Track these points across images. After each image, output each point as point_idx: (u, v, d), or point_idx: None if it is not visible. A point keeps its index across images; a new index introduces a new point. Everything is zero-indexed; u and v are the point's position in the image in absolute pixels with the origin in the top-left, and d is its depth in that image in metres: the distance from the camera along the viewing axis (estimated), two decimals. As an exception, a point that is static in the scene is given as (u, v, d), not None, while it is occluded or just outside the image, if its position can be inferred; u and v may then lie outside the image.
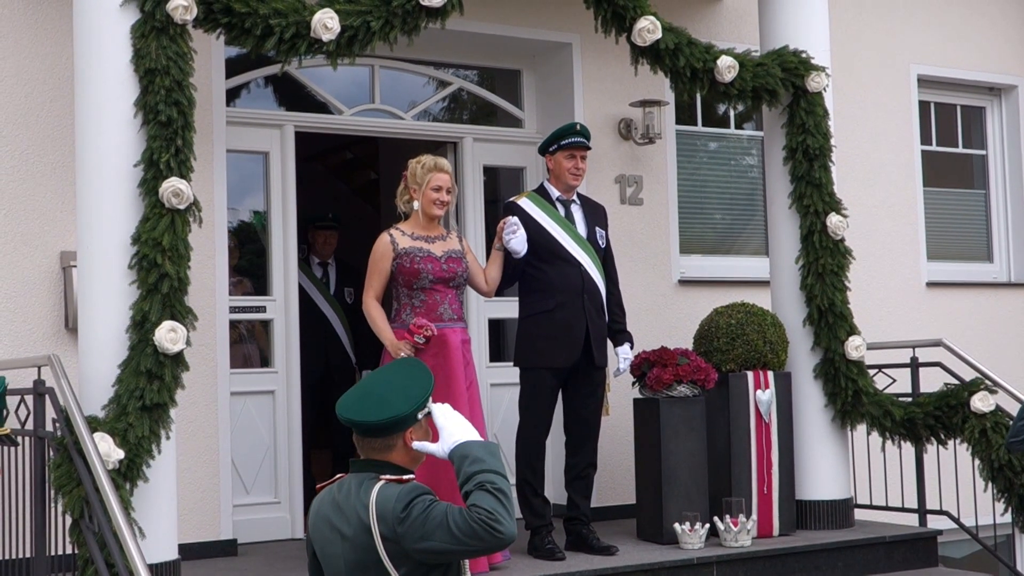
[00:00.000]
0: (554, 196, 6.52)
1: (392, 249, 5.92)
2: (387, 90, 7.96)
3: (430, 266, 5.90)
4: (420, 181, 5.96)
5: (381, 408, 3.24)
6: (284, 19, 5.78)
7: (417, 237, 5.97)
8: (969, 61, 9.83)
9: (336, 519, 3.26)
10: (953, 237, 9.93)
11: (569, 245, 6.42)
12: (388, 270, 5.93)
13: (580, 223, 6.54)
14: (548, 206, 6.48)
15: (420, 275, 5.89)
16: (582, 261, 6.42)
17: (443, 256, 5.97)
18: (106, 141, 5.53)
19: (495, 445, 3.28)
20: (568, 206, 6.55)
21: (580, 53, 8.10)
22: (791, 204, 7.25)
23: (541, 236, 6.38)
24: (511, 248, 6.20)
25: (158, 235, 5.41)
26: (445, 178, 5.98)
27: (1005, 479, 6.71)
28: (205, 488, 6.76)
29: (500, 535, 3.05)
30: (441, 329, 5.85)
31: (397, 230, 6.01)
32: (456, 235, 6.20)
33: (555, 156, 6.53)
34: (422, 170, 5.96)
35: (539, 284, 6.38)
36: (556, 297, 6.34)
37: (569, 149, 6.49)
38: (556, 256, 6.39)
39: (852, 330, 7.13)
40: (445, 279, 5.95)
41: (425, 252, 5.92)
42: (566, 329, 6.32)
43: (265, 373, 7.34)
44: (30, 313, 6.43)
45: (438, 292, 5.94)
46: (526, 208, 6.44)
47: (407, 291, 5.93)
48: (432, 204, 5.97)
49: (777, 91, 7.09)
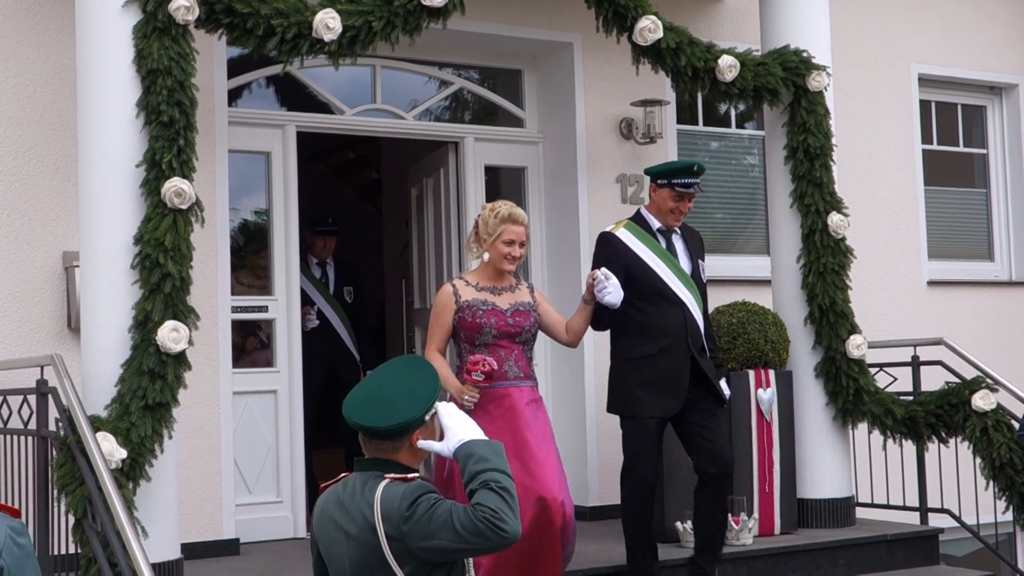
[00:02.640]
0: (654, 227, 5.94)
1: (454, 301, 5.39)
2: (388, 90, 7.96)
3: (494, 320, 5.36)
4: (492, 231, 5.41)
5: (391, 413, 3.25)
6: (286, 19, 5.79)
7: (482, 288, 5.43)
8: (970, 60, 9.83)
9: (341, 518, 3.27)
10: (954, 236, 9.93)
11: (673, 283, 5.82)
12: (450, 323, 5.40)
13: (682, 256, 5.96)
14: (649, 238, 5.89)
15: (482, 330, 5.35)
16: (685, 300, 5.83)
17: (509, 309, 5.41)
18: (108, 141, 5.54)
19: (500, 444, 3.29)
20: (669, 236, 5.97)
21: (581, 53, 8.11)
22: (792, 203, 7.25)
23: (642, 272, 5.79)
24: (606, 303, 5.50)
25: (160, 235, 5.42)
26: (520, 231, 5.42)
27: (1006, 477, 6.71)
28: (207, 487, 6.77)
29: (505, 534, 3.06)
30: (506, 388, 5.33)
31: (461, 280, 5.49)
32: (527, 286, 5.61)
33: (661, 190, 5.91)
34: (495, 220, 5.42)
35: (638, 326, 5.77)
36: (658, 341, 5.75)
37: (678, 189, 5.88)
38: (658, 295, 5.80)
39: (853, 329, 7.13)
40: (511, 334, 5.39)
41: (489, 305, 5.38)
42: (669, 376, 5.75)
43: (267, 372, 7.34)
44: (33, 313, 6.44)
45: (503, 348, 5.37)
46: (625, 240, 5.86)
47: (469, 347, 5.40)
48: (503, 259, 5.42)
49: (778, 90, 7.09)
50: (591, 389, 7.88)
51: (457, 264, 8.08)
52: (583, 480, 7.85)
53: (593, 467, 7.84)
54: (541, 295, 5.63)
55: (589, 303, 5.55)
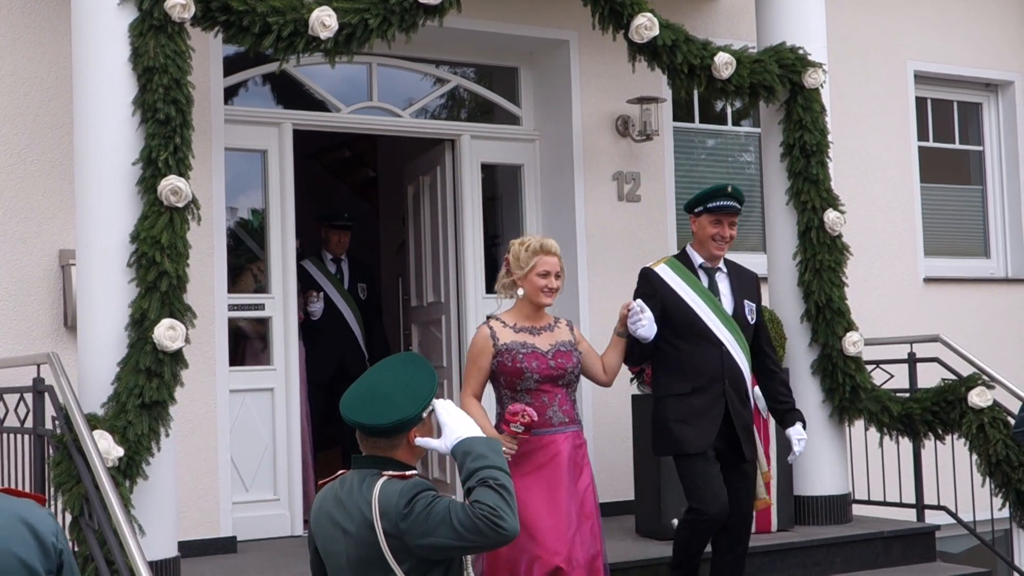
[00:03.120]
0: (696, 263, 5.68)
1: (492, 344, 5.07)
2: (385, 88, 7.96)
3: (535, 363, 5.03)
4: (524, 265, 5.13)
5: (388, 411, 3.25)
6: (282, 17, 5.79)
7: (521, 329, 5.13)
8: (966, 57, 9.84)
9: (339, 515, 3.27)
10: (950, 233, 9.94)
11: (711, 321, 5.57)
12: (488, 368, 5.08)
13: (726, 295, 5.67)
14: (690, 275, 5.64)
15: (524, 375, 5.02)
16: (724, 341, 5.57)
17: (550, 350, 5.09)
18: (105, 139, 5.54)
19: (497, 441, 3.30)
20: (713, 275, 5.69)
21: (578, 50, 8.11)
22: (788, 200, 7.25)
23: (680, 309, 5.56)
24: (639, 336, 5.32)
25: (157, 233, 5.42)
26: (554, 262, 5.17)
27: (1003, 474, 6.72)
28: (204, 485, 6.77)
29: (503, 531, 3.06)
30: (551, 436, 5.01)
31: (498, 321, 5.16)
32: (566, 323, 5.32)
33: (700, 219, 5.67)
34: (526, 253, 5.15)
35: (674, 364, 5.57)
36: (692, 380, 5.54)
37: (716, 214, 5.62)
38: (696, 333, 5.57)
39: (850, 326, 7.14)
40: (553, 377, 5.06)
41: (530, 347, 5.07)
42: (701, 413, 5.52)
43: (264, 371, 7.34)
44: (29, 311, 6.43)
45: (545, 393, 5.04)
46: (664, 276, 5.63)
47: (510, 393, 5.06)
48: (539, 292, 5.13)
49: (774, 87, 7.10)
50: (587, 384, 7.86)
51: (454, 262, 8.09)
52: (580, 477, 7.85)
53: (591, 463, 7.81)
54: (580, 334, 5.33)
55: (622, 336, 5.38)
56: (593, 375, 5.33)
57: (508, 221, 8.51)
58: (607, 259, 8.07)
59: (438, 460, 8.15)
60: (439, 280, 8.26)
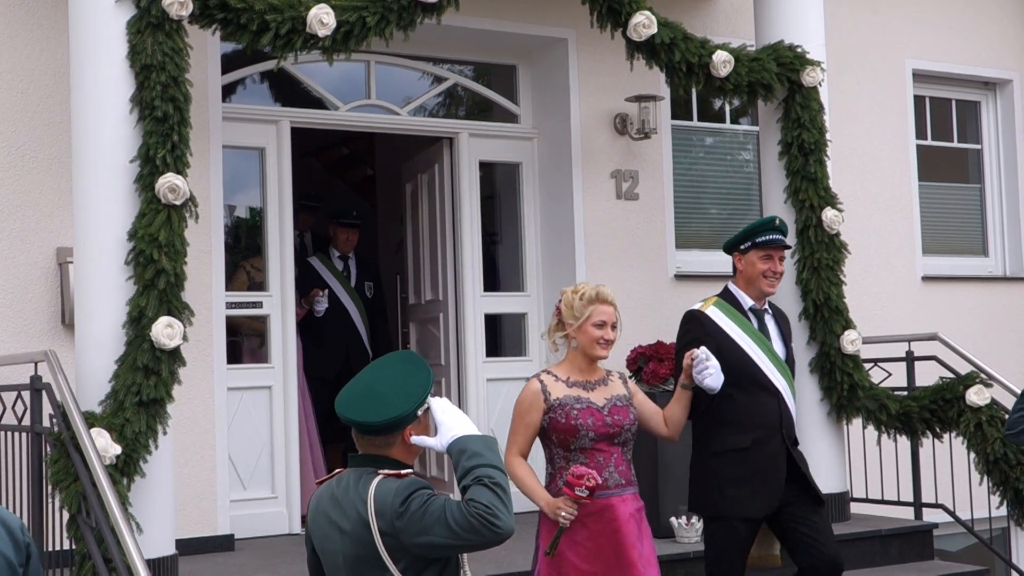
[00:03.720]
0: (746, 305, 5.30)
1: (543, 400, 4.65)
2: (383, 85, 7.96)
3: (591, 420, 4.63)
4: (578, 315, 4.75)
5: (382, 408, 3.24)
6: (280, 15, 5.79)
7: (574, 383, 4.73)
8: (964, 56, 9.83)
9: (335, 514, 3.27)
10: (948, 231, 9.94)
11: (767, 368, 5.20)
12: (537, 425, 4.66)
13: (775, 338, 5.33)
14: (740, 317, 5.26)
15: (578, 433, 4.61)
16: (781, 389, 5.22)
17: (606, 405, 4.69)
18: (102, 137, 5.54)
19: (493, 439, 3.29)
20: (761, 317, 5.33)
21: (576, 48, 8.11)
22: (787, 199, 7.25)
23: (735, 357, 5.13)
24: (706, 387, 4.88)
25: (154, 231, 5.42)
26: (610, 311, 4.77)
27: (1000, 472, 6.73)
28: (202, 483, 6.77)
29: (498, 530, 3.06)
30: (607, 499, 4.60)
31: (549, 375, 4.75)
32: (619, 376, 4.91)
33: (747, 255, 5.30)
34: (580, 302, 4.77)
35: (729, 415, 5.12)
36: (751, 432, 5.12)
37: (765, 248, 5.27)
38: (752, 382, 5.17)
39: (848, 324, 7.14)
40: (610, 435, 4.66)
41: (584, 403, 4.66)
42: (764, 472, 5.12)
43: (262, 368, 7.34)
44: (27, 309, 6.43)
45: (601, 452, 4.64)
46: (716, 320, 5.24)
47: (563, 451, 4.65)
48: (595, 343, 4.72)
49: (772, 86, 7.10)
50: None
51: (452, 260, 8.09)
52: (578, 476, 7.85)
53: (588, 463, 7.83)
54: (635, 385, 4.95)
55: (687, 388, 4.92)
56: (653, 429, 4.91)
57: (506, 219, 8.51)
58: (605, 257, 8.07)
59: (435, 458, 8.15)
60: (437, 278, 8.26)
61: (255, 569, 6.24)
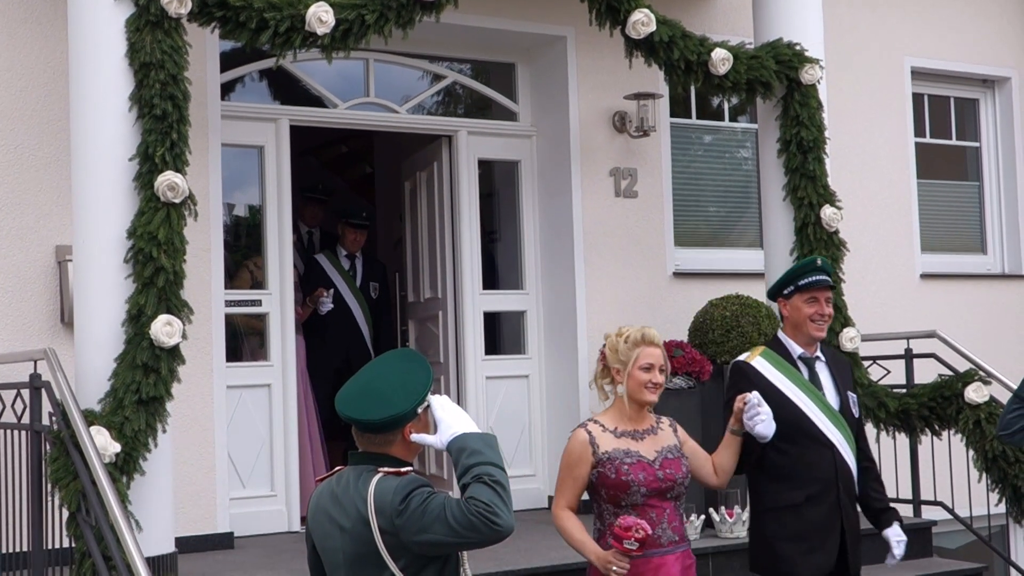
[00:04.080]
0: (795, 354, 5.05)
1: (591, 452, 4.45)
2: (381, 84, 7.96)
3: (642, 475, 4.41)
4: (625, 359, 4.53)
5: (382, 406, 3.25)
6: (279, 12, 5.78)
7: (622, 434, 4.51)
8: (962, 53, 9.84)
9: (335, 512, 3.27)
10: (947, 229, 9.94)
11: (820, 421, 4.93)
12: (586, 478, 4.46)
13: (829, 388, 5.04)
14: (789, 367, 5.01)
15: (630, 488, 4.40)
16: (835, 441, 4.94)
17: (657, 458, 4.48)
18: (101, 135, 5.53)
19: (493, 437, 3.29)
20: (812, 365, 5.06)
21: (574, 46, 8.10)
22: (785, 196, 7.25)
23: (784, 409, 4.87)
24: (757, 433, 4.71)
25: (153, 229, 5.42)
26: (657, 353, 4.55)
27: (999, 470, 6.73)
28: (201, 481, 6.76)
29: (498, 527, 3.06)
30: (661, 557, 4.40)
31: (596, 424, 4.54)
32: (669, 423, 4.67)
33: (791, 300, 5.06)
34: (626, 345, 4.54)
35: (782, 471, 4.91)
36: (805, 488, 4.88)
37: (809, 291, 5.02)
38: (804, 435, 4.91)
39: (846, 322, 7.14)
40: (662, 490, 4.44)
41: (635, 456, 4.45)
42: (819, 530, 4.89)
43: (261, 366, 7.34)
44: (26, 307, 6.43)
45: (653, 507, 4.42)
46: (762, 371, 4.99)
47: (613, 507, 4.44)
48: (643, 388, 4.50)
49: (771, 83, 7.09)
50: (584, 375, 7.88)
51: (451, 258, 8.09)
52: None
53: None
54: (684, 433, 4.71)
55: (737, 434, 4.74)
56: (703, 478, 4.72)
57: (505, 217, 8.51)
58: (604, 255, 8.07)
59: (435, 456, 8.15)
60: (436, 276, 8.26)
61: (255, 567, 6.24)
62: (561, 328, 8.07)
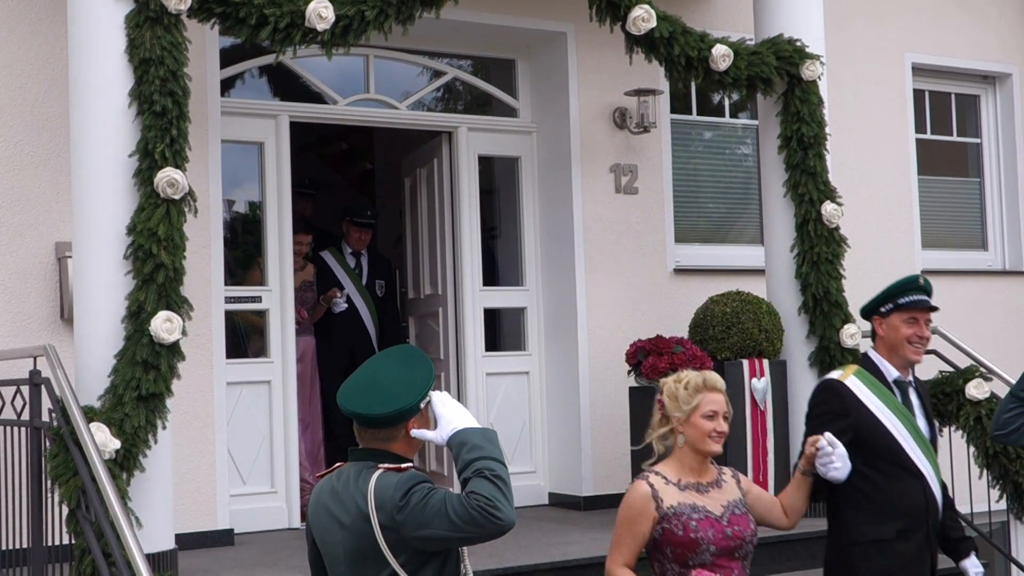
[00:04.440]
0: (890, 377, 4.70)
1: (654, 507, 4.10)
2: (382, 80, 7.95)
3: (711, 532, 4.08)
4: (685, 407, 4.19)
5: (387, 400, 3.24)
6: (278, 8, 5.78)
7: (686, 487, 4.18)
8: (964, 49, 9.83)
9: (335, 508, 3.27)
10: (948, 225, 9.94)
11: (911, 449, 4.58)
12: (647, 535, 4.11)
13: (920, 416, 4.72)
14: (884, 391, 4.65)
15: (699, 547, 4.07)
16: (925, 472, 4.60)
17: (724, 513, 4.15)
18: (101, 131, 5.53)
19: (493, 432, 3.29)
20: (906, 390, 4.73)
21: (575, 42, 8.10)
22: (786, 193, 7.25)
23: (879, 435, 4.55)
24: (831, 479, 4.40)
25: (153, 225, 5.41)
26: (720, 400, 4.22)
27: (1000, 466, 6.73)
28: (201, 478, 6.76)
29: (499, 522, 3.06)
30: None
31: (658, 476, 4.19)
32: (731, 474, 4.35)
33: (888, 319, 4.73)
34: (686, 392, 4.21)
35: (871, 502, 4.54)
36: (896, 521, 4.53)
37: (909, 311, 4.71)
38: (895, 464, 4.57)
39: (847, 318, 7.14)
40: (730, 548, 4.11)
41: (701, 512, 4.11)
42: (909, 568, 4.55)
43: (261, 363, 7.34)
44: (25, 303, 6.43)
45: (720, 567, 4.10)
46: (856, 392, 4.63)
47: (679, 568, 4.10)
48: (706, 438, 4.17)
49: (772, 79, 7.09)
50: (585, 371, 7.89)
51: (451, 255, 8.08)
52: (576, 469, 7.86)
53: (587, 455, 7.84)
54: (747, 481, 4.41)
55: (808, 475, 4.44)
56: (772, 522, 4.42)
57: (505, 213, 8.51)
58: (604, 251, 8.07)
59: (435, 453, 8.15)
60: (436, 272, 8.26)
61: (254, 564, 6.24)
62: (561, 324, 8.07)
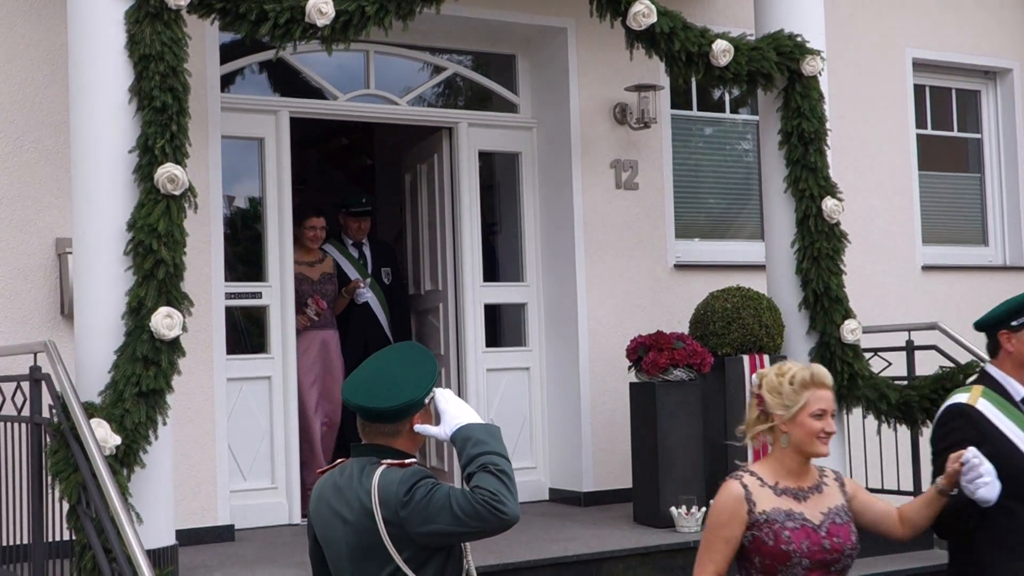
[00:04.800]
0: (1018, 396, 4.31)
1: (746, 510, 3.74)
2: (382, 75, 7.94)
3: (805, 544, 3.69)
4: (790, 404, 3.78)
5: (393, 394, 3.24)
6: (278, 4, 5.77)
7: (783, 491, 3.79)
8: (964, 45, 9.82)
9: (337, 503, 3.27)
10: (948, 221, 9.94)
11: None
12: (739, 540, 3.73)
13: None
14: (1015, 411, 4.25)
15: (790, 560, 3.69)
16: None
17: (823, 522, 3.76)
18: (101, 127, 5.52)
19: (496, 428, 3.29)
20: None
21: (575, 38, 8.09)
22: (786, 188, 7.24)
23: (1015, 462, 4.10)
24: (979, 498, 3.93)
25: (153, 221, 5.41)
26: (829, 397, 3.82)
27: (1000, 462, 6.71)
28: (202, 474, 6.76)
29: (504, 516, 3.06)
30: None
31: (753, 477, 3.82)
32: (834, 476, 3.94)
33: (1019, 334, 4.37)
34: (791, 387, 3.80)
35: (1006, 533, 4.10)
36: None
37: None
38: None
39: (847, 314, 7.13)
40: (826, 562, 3.72)
41: (797, 520, 3.73)
42: None
43: (262, 359, 7.33)
44: (26, 300, 6.42)
45: None
46: (990, 417, 4.22)
47: None
48: (814, 439, 3.77)
49: (772, 75, 7.08)
50: (585, 367, 7.88)
51: (452, 250, 8.07)
52: (577, 464, 7.86)
53: (588, 451, 7.84)
54: (853, 484, 3.99)
55: (947, 494, 3.98)
56: (885, 531, 4.02)
57: (506, 209, 8.51)
58: (605, 247, 8.06)
59: (436, 449, 8.15)
60: (436, 268, 8.25)
61: (255, 559, 6.24)
62: (562, 320, 8.06)
